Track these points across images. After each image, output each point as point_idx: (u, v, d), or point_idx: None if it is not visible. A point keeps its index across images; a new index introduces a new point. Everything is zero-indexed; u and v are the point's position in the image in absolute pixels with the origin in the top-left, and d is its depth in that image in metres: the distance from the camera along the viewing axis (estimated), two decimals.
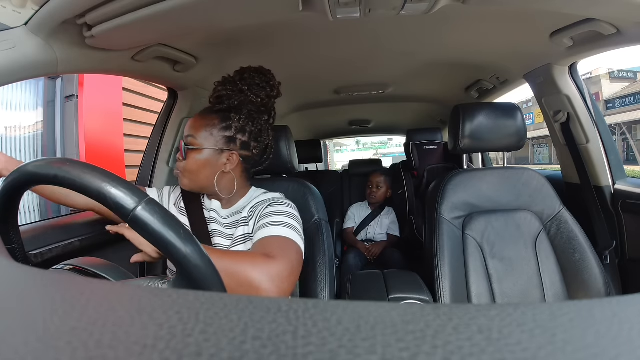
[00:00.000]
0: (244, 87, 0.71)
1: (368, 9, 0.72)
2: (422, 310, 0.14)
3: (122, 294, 0.18)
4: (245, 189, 0.79)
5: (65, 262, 0.42)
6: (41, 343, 0.12)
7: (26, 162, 0.35)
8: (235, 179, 0.74)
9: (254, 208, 0.73)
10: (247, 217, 0.72)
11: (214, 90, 0.73)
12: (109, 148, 2.25)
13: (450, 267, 0.88)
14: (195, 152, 0.71)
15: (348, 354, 0.11)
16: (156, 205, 0.34)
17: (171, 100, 1.17)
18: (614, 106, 14.14)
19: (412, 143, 2.06)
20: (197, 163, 0.71)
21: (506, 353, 0.11)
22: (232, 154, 0.72)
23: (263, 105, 0.74)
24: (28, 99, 2.00)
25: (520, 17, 0.84)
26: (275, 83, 0.75)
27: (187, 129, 0.73)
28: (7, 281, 0.20)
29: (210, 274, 0.35)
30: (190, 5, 0.62)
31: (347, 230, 1.97)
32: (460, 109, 1.02)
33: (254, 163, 0.78)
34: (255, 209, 0.72)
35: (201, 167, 0.71)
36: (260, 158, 0.79)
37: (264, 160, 0.80)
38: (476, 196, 0.98)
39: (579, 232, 0.92)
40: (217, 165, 0.71)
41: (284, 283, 0.56)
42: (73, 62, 0.73)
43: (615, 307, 0.14)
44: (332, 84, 1.54)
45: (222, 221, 0.75)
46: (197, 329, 0.13)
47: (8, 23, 0.62)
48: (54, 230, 0.80)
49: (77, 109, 2.09)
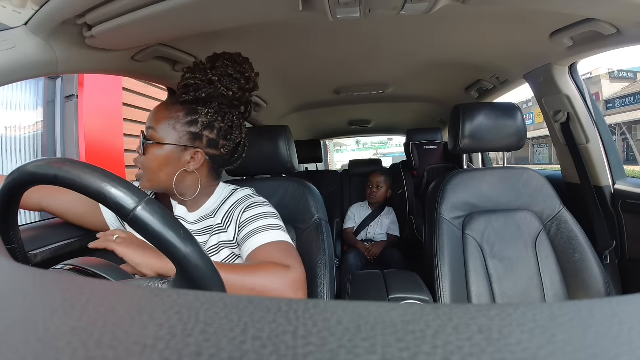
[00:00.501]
0: (214, 77, 0.62)
1: (368, 9, 0.72)
2: (422, 310, 0.14)
3: (122, 294, 0.18)
4: (212, 188, 0.72)
5: (65, 262, 0.42)
6: (41, 343, 0.12)
7: (26, 162, 0.35)
8: (199, 179, 0.67)
9: (229, 213, 0.67)
10: (223, 224, 0.67)
11: (182, 77, 0.65)
12: (109, 148, 2.25)
13: (450, 267, 0.88)
14: (155, 147, 0.63)
15: (348, 354, 0.11)
16: (156, 205, 0.34)
17: None
18: (614, 106, 14.14)
19: (412, 143, 2.06)
20: (157, 160, 0.63)
21: (506, 353, 0.11)
22: (196, 152, 0.65)
23: (236, 98, 0.66)
24: (28, 99, 2.00)
25: (520, 17, 0.84)
26: (251, 75, 0.67)
27: (149, 119, 0.65)
28: (7, 281, 0.20)
29: (210, 274, 0.35)
30: (190, 5, 0.62)
31: (347, 230, 1.97)
32: (460, 109, 1.02)
33: (222, 162, 0.71)
34: (232, 214, 0.67)
35: (161, 164, 0.63)
36: (230, 157, 0.71)
37: (234, 160, 0.72)
38: (476, 196, 0.98)
39: (579, 232, 0.92)
40: (178, 164, 0.64)
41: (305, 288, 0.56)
42: (73, 62, 0.73)
43: (615, 307, 0.14)
44: (332, 84, 1.54)
45: (190, 228, 0.69)
46: (197, 329, 0.13)
47: (8, 23, 0.62)
48: (54, 230, 0.80)
49: (77, 109, 2.09)
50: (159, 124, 0.64)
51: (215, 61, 0.64)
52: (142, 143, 0.64)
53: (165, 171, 0.64)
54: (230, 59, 0.65)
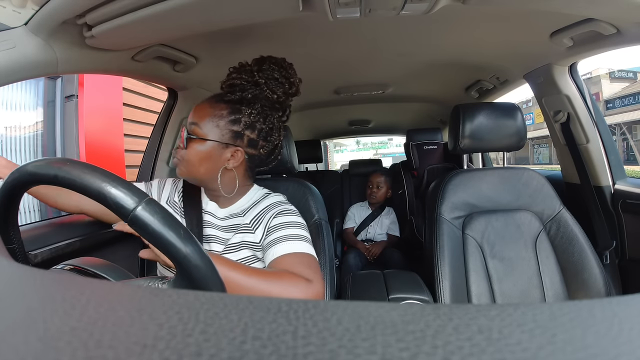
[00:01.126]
0: (261, 79, 0.64)
1: (368, 9, 0.72)
2: (422, 310, 0.14)
3: (122, 294, 0.18)
4: (246, 188, 0.74)
5: (65, 262, 0.42)
6: (41, 343, 0.12)
7: (26, 162, 0.35)
8: (236, 177, 0.69)
9: (260, 216, 0.68)
10: (252, 225, 0.68)
11: (228, 75, 0.67)
12: (109, 148, 2.25)
13: (450, 267, 0.88)
14: (197, 142, 0.65)
15: (348, 354, 0.11)
16: (156, 205, 0.34)
17: (171, 100, 1.17)
18: (614, 106, 14.14)
19: (412, 143, 2.06)
20: (198, 154, 0.65)
21: (506, 353, 0.11)
22: (237, 150, 0.66)
23: (278, 102, 0.68)
24: (28, 99, 2.00)
25: (520, 17, 0.84)
26: (295, 80, 0.69)
27: (192, 115, 0.67)
28: (7, 281, 0.20)
29: (210, 274, 0.35)
30: (190, 5, 0.62)
31: (347, 230, 1.97)
32: (460, 109, 1.02)
33: (258, 162, 0.73)
34: (262, 217, 0.68)
35: (202, 159, 0.65)
36: (267, 158, 0.73)
37: (270, 161, 0.75)
38: (476, 196, 0.98)
39: (579, 232, 0.92)
40: (219, 161, 0.66)
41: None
42: (73, 62, 0.73)
43: (615, 307, 0.14)
44: (332, 84, 1.54)
45: (218, 224, 0.70)
46: (197, 329, 0.13)
47: (8, 23, 0.62)
48: (54, 230, 0.80)
49: (77, 109, 2.09)
50: (202, 120, 0.65)
51: (262, 64, 0.66)
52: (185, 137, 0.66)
53: (205, 166, 0.66)
54: (276, 62, 0.67)
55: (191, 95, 1.16)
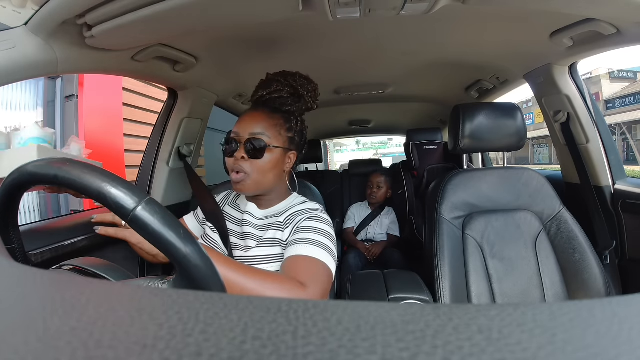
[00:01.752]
0: (303, 91, 0.75)
1: (368, 9, 0.72)
2: (422, 310, 0.14)
3: (122, 294, 0.18)
4: (289, 193, 0.79)
5: (65, 262, 0.42)
6: (41, 343, 0.12)
7: (26, 162, 0.35)
8: (286, 178, 0.76)
9: (293, 216, 0.71)
10: (284, 224, 0.71)
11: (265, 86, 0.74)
12: (109, 148, 2.25)
13: (450, 267, 0.88)
14: (269, 151, 0.69)
15: (348, 354, 0.11)
16: (156, 205, 0.33)
17: (171, 100, 1.17)
18: (614, 106, 14.14)
19: (412, 143, 2.06)
20: (271, 162, 0.70)
21: (506, 353, 0.11)
22: (292, 153, 0.74)
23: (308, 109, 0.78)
24: (28, 99, 2.01)
25: (520, 17, 0.84)
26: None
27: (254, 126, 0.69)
28: (7, 281, 0.20)
29: (210, 274, 0.35)
30: (190, 5, 0.62)
31: (347, 230, 1.97)
32: (460, 109, 1.02)
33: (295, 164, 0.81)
34: (294, 218, 0.70)
35: (273, 166, 0.70)
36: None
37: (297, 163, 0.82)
38: (476, 196, 0.98)
39: (579, 232, 0.92)
40: (283, 165, 0.73)
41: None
42: (73, 62, 0.73)
43: (615, 307, 0.14)
44: (332, 84, 1.54)
45: (256, 223, 0.74)
46: (197, 329, 0.13)
47: (8, 23, 0.62)
48: (54, 230, 0.80)
49: (77, 109, 2.09)
50: (268, 130, 0.70)
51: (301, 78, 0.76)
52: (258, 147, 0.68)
53: (274, 172, 0.71)
54: (306, 78, 0.77)
55: (191, 95, 1.15)
